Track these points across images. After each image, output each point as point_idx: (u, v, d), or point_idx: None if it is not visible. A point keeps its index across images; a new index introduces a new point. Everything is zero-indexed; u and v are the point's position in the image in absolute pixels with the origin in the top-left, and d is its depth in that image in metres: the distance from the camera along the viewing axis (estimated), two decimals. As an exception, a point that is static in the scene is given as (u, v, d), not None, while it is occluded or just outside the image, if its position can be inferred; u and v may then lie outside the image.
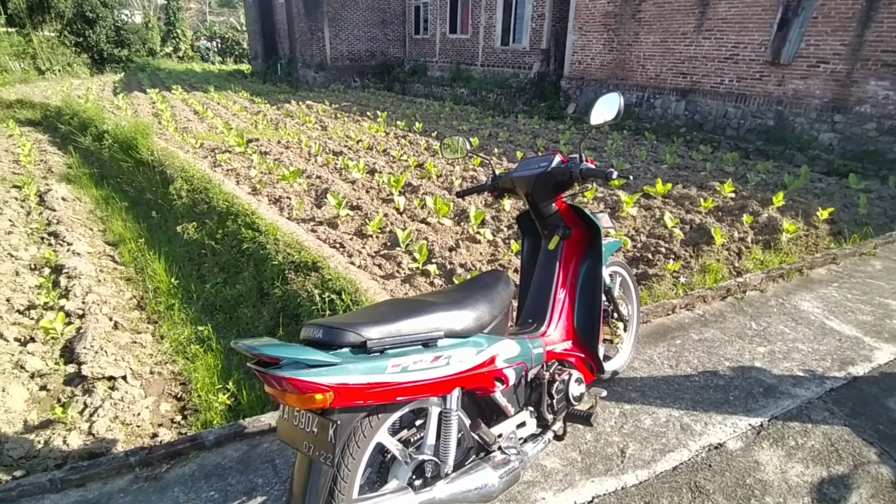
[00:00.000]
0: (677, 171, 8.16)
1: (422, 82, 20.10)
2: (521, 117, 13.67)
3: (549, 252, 1.93)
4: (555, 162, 1.84)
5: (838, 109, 9.01)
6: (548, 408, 1.71)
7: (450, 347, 1.34)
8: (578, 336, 1.94)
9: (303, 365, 1.11)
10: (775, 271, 3.61)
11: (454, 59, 19.13)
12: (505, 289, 1.60)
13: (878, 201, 6.61)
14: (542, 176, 1.81)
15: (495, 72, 17.17)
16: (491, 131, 11.64)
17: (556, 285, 1.88)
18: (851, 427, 2.14)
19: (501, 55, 16.89)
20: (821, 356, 2.64)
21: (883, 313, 3.09)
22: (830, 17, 8.82)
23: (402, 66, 22.29)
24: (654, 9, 11.72)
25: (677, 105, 11.72)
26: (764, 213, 5.75)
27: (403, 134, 11.07)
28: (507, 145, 10.25)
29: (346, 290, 4.03)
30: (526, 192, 1.86)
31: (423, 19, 20.67)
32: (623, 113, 1.78)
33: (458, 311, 1.39)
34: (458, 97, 17.81)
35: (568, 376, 1.77)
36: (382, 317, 1.28)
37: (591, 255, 1.95)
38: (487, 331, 1.49)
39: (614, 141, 10.25)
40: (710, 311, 3.11)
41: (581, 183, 1.78)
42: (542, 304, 1.87)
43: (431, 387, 1.31)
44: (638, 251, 4.86)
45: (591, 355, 1.95)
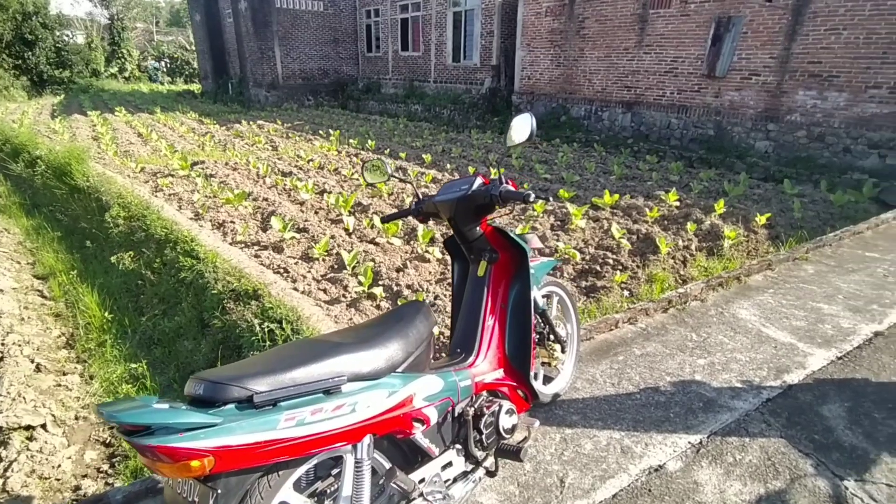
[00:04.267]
0: (625, 182, 8.35)
1: (376, 99, 20.07)
2: (474, 132, 13.78)
3: (477, 278, 1.86)
4: (476, 185, 1.77)
5: (771, 119, 9.46)
6: (477, 444, 1.62)
7: (355, 393, 1.24)
8: (510, 364, 1.87)
9: (176, 430, 0.99)
10: (715, 280, 3.67)
11: (407, 75, 19.20)
12: (424, 321, 1.51)
13: (811, 205, 6.92)
14: (464, 199, 1.75)
15: (448, 88, 17.30)
16: (444, 147, 11.66)
17: (484, 312, 1.81)
18: (787, 438, 2.14)
19: (453, 72, 17.05)
20: (758, 365, 2.66)
21: (815, 318, 3.17)
22: (759, 31, 9.29)
23: (355, 83, 22.22)
24: (596, 25, 12.09)
25: (624, 117, 12.06)
26: (707, 220, 5.91)
27: (356, 152, 10.94)
28: (459, 160, 10.27)
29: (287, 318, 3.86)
30: (448, 216, 1.79)
31: (375, 37, 20.71)
32: (533, 137, 1.73)
33: (365, 351, 1.29)
34: (413, 114, 17.85)
35: (498, 408, 1.68)
36: (275, 365, 1.16)
37: (521, 278, 1.89)
38: (402, 369, 1.39)
39: (565, 154, 10.43)
40: (652, 324, 3.11)
41: (502, 205, 1.72)
42: (471, 332, 1.79)
43: (336, 437, 1.20)
44: (587, 263, 4.87)
45: (523, 383, 1.87)
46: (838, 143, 8.72)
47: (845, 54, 8.36)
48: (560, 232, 5.77)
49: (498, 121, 14.94)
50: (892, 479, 1.95)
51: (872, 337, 2.95)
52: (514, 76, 14.88)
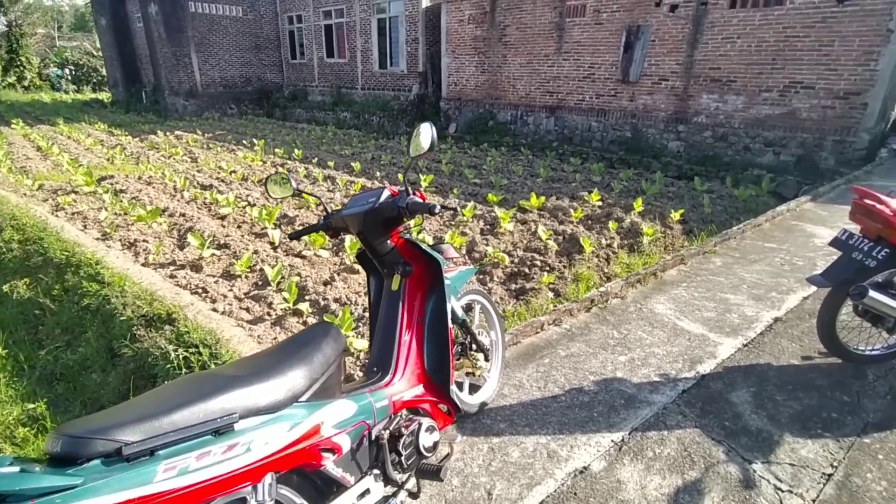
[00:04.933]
0: (551, 184, 8.59)
1: (303, 107, 19.57)
2: (404, 139, 13.73)
3: (392, 293, 1.80)
4: (383, 197, 1.72)
5: (681, 120, 10.10)
6: (396, 466, 1.56)
7: (250, 430, 1.14)
8: (430, 378, 1.82)
9: (27, 496, 0.85)
10: (634, 277, 3.82)
11: (334, 83, 18.87)
12: (332, 344, 1.43)
13: (718, 200, 7.42)
14: (371, 212, 1.68)
15: (376, 95, 17.17)
16: (374, 154, 11.53)
17: (400, 328, 1.75)
18: (701, 428, 2.23)
19: (381, 78, 16.94)
20: (674, 358, 2.77)
21: (724, 308, 3.37)
22: (665, 40, 9.90)
23: (281, 91, 21.57)
24: (517, 33, 12.42)
25: (548, 121, 12.46)
26: (627, 218, 6.17)
27: (282, 162, 10.58)
28: (389, 168, 10.19)
29: (205, 341, 3.62)
30: (357, 230, 1.72)
31: (299, 44, 20.21)
32: (435, 146, 1.70)
33: (261, 383, 1.19)
34: (341, 121, 17.56)
35: (418, 426, 1.63)
36: (152, 409, 1.04)
37: (437, 289, 1.85)
38: (307, 397, 1.30)
39: (493, 158, 10.61)
40: (576, 324, 3.18)
41: (410, 217, 1.67)
42: (388, 350, 1.73)
43: (233, 480, 1.09)
44: (516, 266, 4.94)
45: (445, 397, 1.83)
46: (739, 143, 9.44)
47: (740, 61, 9.07)
48: (489, 236, 5.82)
49: (428, 127, 14.99)
50: (794, 459, 2.08)
51: (773, 323, 3.18)
52: (440, 83, 15.00)
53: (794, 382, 2.57)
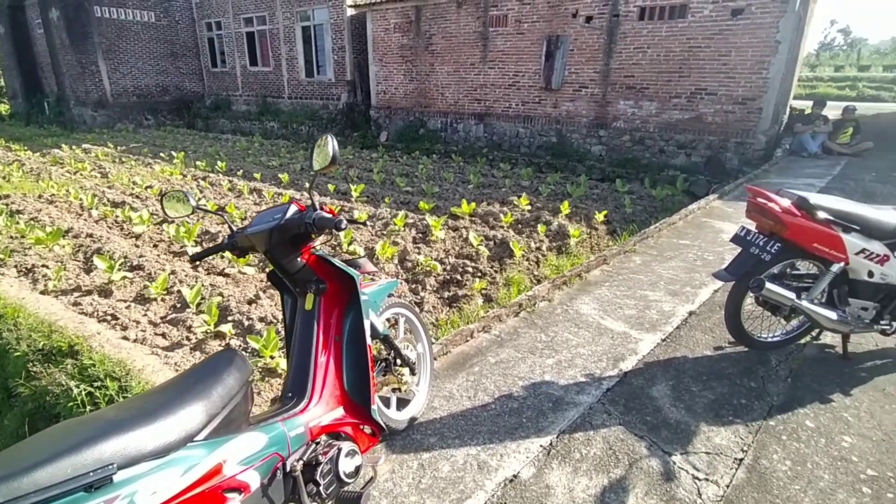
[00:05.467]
0: (482, 190, 8.71)
1: (227, 117, 18.76)
2: (334, 148, 13.47)
3: (305, 313, 1.71)
4: (290, 213, 1.63)
5: (601, 126, 10.58)
6: (314, 497, 1.47)
7: (133, 480, 1.02)
8: (351, 399, 1.75)
9: None
10: (560, 280, 3.91)
11: (259, 92, 18.23)
12: (234, 373, 1.33)
13: (639, 200, 7.81)
14: (277, 230, 1.60)
15: (304, 104, 16.76)
16: (303, 165, 11.22)
17: (316, 349, 1.67)
18: (625, 425, 2.30)
19: (308, 87, 16.56)
20: (598, 357, 2.85)
21: (643, 305, 3.52)
22: (583, 49, 10.35)
23: (202, 100, 20.57)
24: (443, 42, 12.56)
25: (477, 128, 12.65)
26: (555, 221, 6.35)
27: (204, 175, 10.05)
28: (319, 179, 9.94)
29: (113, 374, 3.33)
30: (264, 248, 1.62)
31: (220, 51, 19.38)
32: (337, 160, 1.64)
33: (146, 425, 1.08)
34: (268, 131, 16.99)
35: (336, 452, 1.55)
36: (8, 468, 0.91)
37: (354, 306, 1.78)
38: (206, 434, 1.19)
39: (425, 166, 10.62)
40: (505, 329, 3.20)
41: (318, 233, 1.60)
42: (303, 373, 1.64)
43: None
44: (448, 274, 4.93)
45: (367, 418, 1.77)
46: (655, 146, 10.01)
47: (651, 69, 9.64)
48: (422, 244, 5.79)
49: (358, 135, 14.81)
50: (709, 447, 2.18)
51: (688, 316, 3.35)
52: (370, 91, 14.88)
53: (707, 373, 2.72)
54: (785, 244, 2.51)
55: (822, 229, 2.48)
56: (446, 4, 12.15)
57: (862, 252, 2.52)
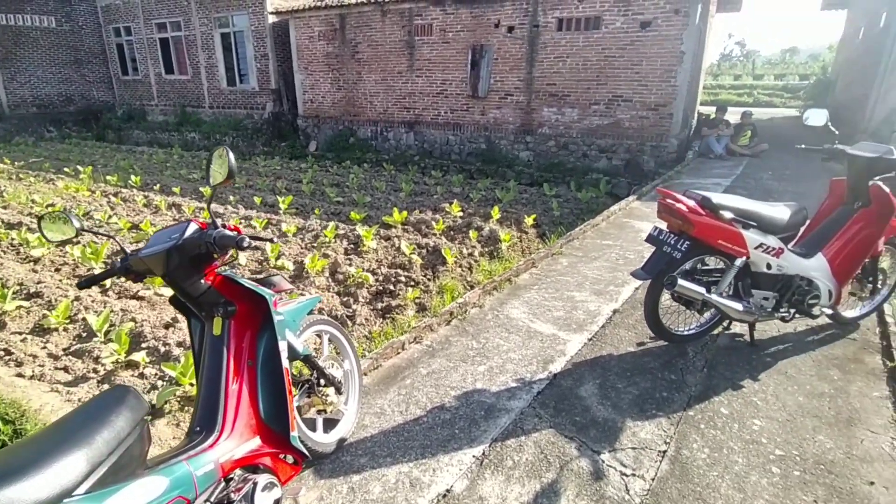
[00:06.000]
0: (414, 198, 8.69)
1: (142, 128, 17.61)
2: (261, 159, 13.00)
3: (214, 338, 1.59)
4: (189, 231, 1.51)
5: (528, 132, 10.88)
6: (228, 540, 1.36)
7: None
8: (268, 427, 1.64)
9: None
10: (490, 285, 3.94)
11: (177, 101, 17.27)
12: (125, 413, 1.20)
13: (566, 203, 8.08)
14: (175, 251, 1.47)
15: (227, 113, 16.06)
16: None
17: (226, 377, 1.55)
18: (556, 427, 2.33)
19: (231, 96, 15.89)
20: (528, 361, 2.88)
21: (570, 306, 3.61)
22: (507, 58, 10.63)
23: (113, 111, 19.20)
24: (370, 50, 12.47)
25: (407, 136, 12.64)
26: (486, 226, 6.42)
27: (115, 191, 9.35)
28: (245, 191, 9.54)
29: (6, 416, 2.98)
30: (162, 272, 1.49)
31: (131, 59, 18.19)
32: (235, 174, 1.55)
33: (12, 483, 0.94)
34: (189, 143, 16.11)
35: (252, 487, 1.44)
36: None
37: (268, 327, 1.68)
38: (89, 486, 1.06)
39: (356, 175, 10.46)
40: (437, 339, 3.17)
41: (221, 252, 1.49)
42: (212, 404, 1.52)
43: None
44: (381, 284, 4.84)
45: (287, 446, 1.67)
46: (578, 150, 10.43)
47: (571, 77, 10.05)
48: (353, 255, 5.67)
49: (286, 146, 14.37)
50: (635, 442, 2.25)
51: (612, 315, 3.47)
52: (296, 100, 14.50)
53: (631, 369, 2.82)
54: (693, 242, 2.66)
55: (725, 227, 2.65)
56: (370, 13, 12.08)
57: (760, 246, 2.71)
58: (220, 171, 1.56)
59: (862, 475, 2.07)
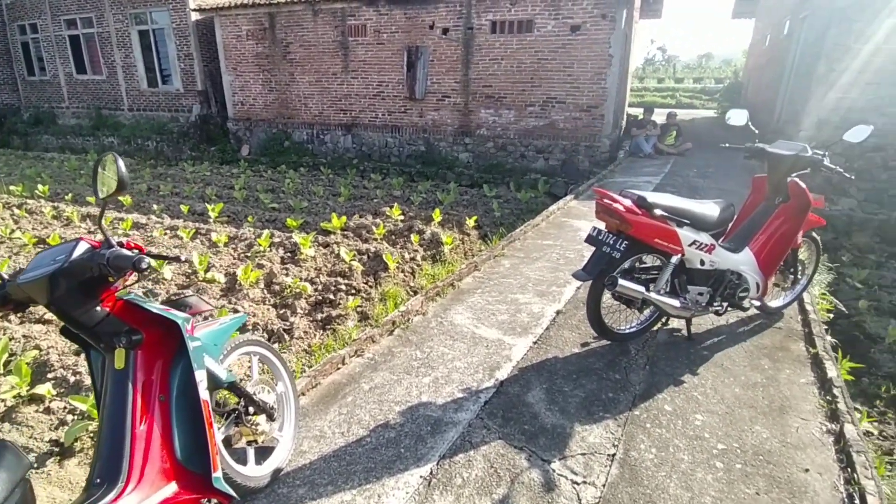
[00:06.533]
0: (353, 202, 8.47)
1: (52, 133, 16.19)
2: (189, 164, 12.28)
3: (116, 373, 1.38)
4: (78, 252, 1.30)
5: (466, 134, 10.91)
6: None
7: None
8: (186, 469, 1.46)
9: None
10: (433, 291, 3.84)
11: (91, 103, 16.02)
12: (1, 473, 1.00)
13: (506, 204, 8.13)
14: (60, 275, 1.26)
15: (149, 116, 15.07)
16: (150, 185, 10.03)
17: (133, 417, 1.35)
18: (504, 438, 2.26)
19: (153, 98, 14.92)
20: (475, 369, 2.81)
21: (515, 309, 3.58)
22: (443, 60, 10.60)
23: (18, 114, 17.54)
24: (302, 51, 12.08)
25: (345, 139, 12.35)
26: (428, 230, 6.32)
27: (19, 202, 8.49)
28: (170, 199, 8.94)
29: None
30: (45, 300, 1.27)
31: (38, 58, 16.69)
32: (126, 184, 1.37)
33: None
34: (107, 148, 14.98)
35: (166, 542, 1.26)
36: None
37: (183, 356, 1.49)
38: None
39: (292, 180, 10.08)
40: (379, 350, 3.03)
41: (117, 275, 1.29)
42: (116, 450, 1.32)
43: None
44: (320, 294, 4.63)
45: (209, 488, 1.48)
46: (516, 151, 10.56)
47: (507, 79, 10.17)
48: (290, 264, 5.41)
49: (216, 150, 13.66)
50: (584, 448, 2.21)
51: (556, 316, 3.47)
52: (225, 102, 13.82)
53: (577, 371, 2.81)
54: (631, 241, 2.68)
55: (660, 225, 2.69)
56: (301, 12, 11.70)
57: (694, 243, 2.78)
58: (109, 182, 1.36)
59: (797, 463, 2.14)
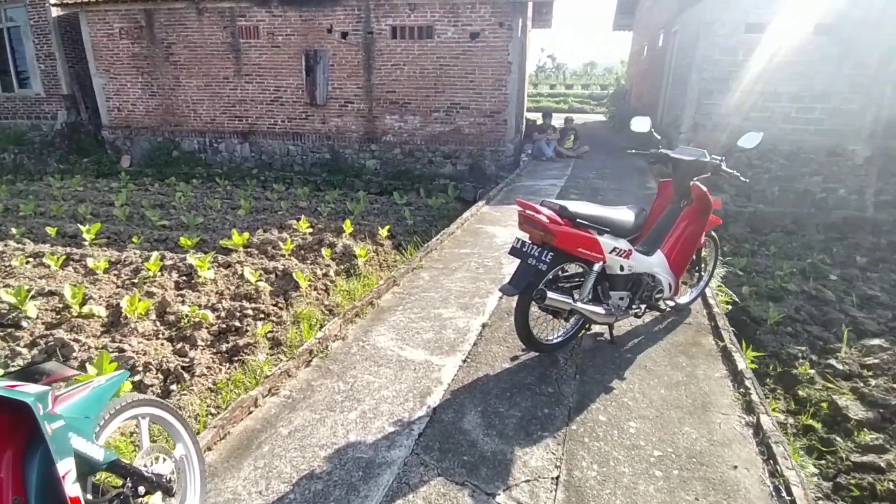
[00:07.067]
0: (256, 216, 7.90)
1: None
2: (55, 179, 10.78)
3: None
4: None
5: (372, 140, 10.66)
6: None
7: None
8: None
9: None
10: (351, 312, 3.60)
11: (-77, 111, 13.58)
12: None
13: (417, 211, 8.01)
14: None
15: (4, 125, 13.08)
16: (8, 204, 8.65)
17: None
18: (444, 474, 2.10)
19: (7, 104, 13.00)
20: (404, 397, 2.62)
21: (439, 326, 3.44)
22: (343, 65, 10.28)
23: None
24: (186, 52, 11.12)
25: (242, 147, 11.57)
26: (339, 242, 6.01)
27: None
28: (34, 220, 7.77)
29: None
30: None
31: None
32: None
33: None
34: (-54, 163, 12.75)
35: None
36: None
37: (40, 443, 1.16)
38: None
39: (183, 193, 9.19)
40: (297, 386, 2.74)
41: None
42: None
43: None
44: (223, 322, 4.17)
45: None
46: (424, 157, 10.51)
47: (410, 85, 10.09)
48: (187, 290, 4.84)
49: (90, 161, 12.17)
50: (527, 473, 2.12)
51: (482, 330, 3.38)
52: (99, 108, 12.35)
53: (510, 388, 2.72)
54: (556, 252, 2.65)
55: (583, 235, 2.69)
56: (184, 10, 10.75)
57: (614, 250, 2.82)
58: None
59: (726, 460, 2.21)
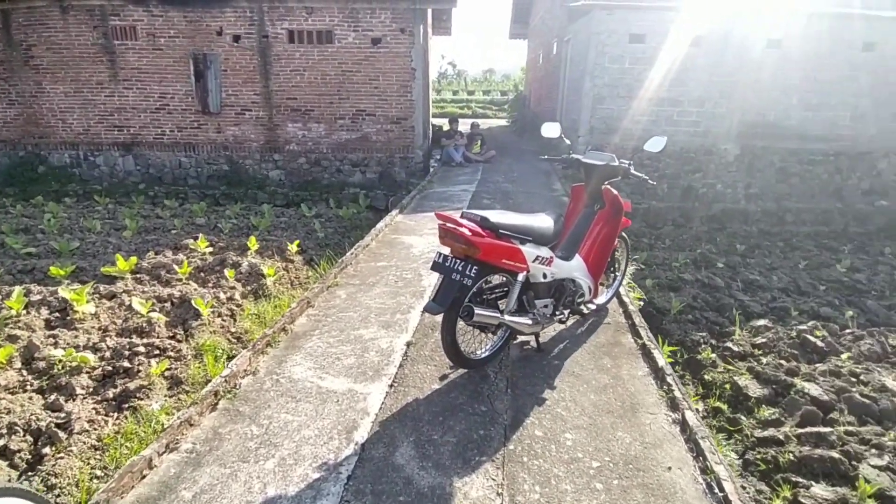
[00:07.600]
0: (145, 237, 7.10)
1: None
2: None
3: None
4: None
5: (274, 149, 10.10)
6: None
7: None
8: None
9: None
10: (261, 343, 3.27)
11: None
12: None
13: (328, 223, 7.65)
14: None
15: None
16: None
17: None
18: (379, 520, 1.91)
19: None
20: (328, 435, 2.38)
21: (361, 348, 3.22)
22: (237, 70, 9.64)
23: None
24: (50, 55, 9.84)
25: (125, 160, 10.45)
26: (244, 261, 5.53)
27: None
28: None
29: None
30: None
31: None
32: None
33: None
34: None
35: None
36: None
37: None
38: None
39: (54, 214, 8.07)
40: (201, 436, 2.40)
41: None
42: None
43: None
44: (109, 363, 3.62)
45: None
46: (331, 166, 10.14)
47: (312, 91, 9.69)
48: (60, 329, 4.17)
49: (-73, 183, 10.33)
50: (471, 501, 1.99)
51: (407, 349, 3.21)
52: (-64, 119, 10.55)
53: (442, 411, 2.58)
54: (481, 265, 2.56)
55: (506, 245, 2.62)
56: (45, 9, 9.48)
57: (537, 259, 2.79)
58: None
59: (660, 462, 2.23)
